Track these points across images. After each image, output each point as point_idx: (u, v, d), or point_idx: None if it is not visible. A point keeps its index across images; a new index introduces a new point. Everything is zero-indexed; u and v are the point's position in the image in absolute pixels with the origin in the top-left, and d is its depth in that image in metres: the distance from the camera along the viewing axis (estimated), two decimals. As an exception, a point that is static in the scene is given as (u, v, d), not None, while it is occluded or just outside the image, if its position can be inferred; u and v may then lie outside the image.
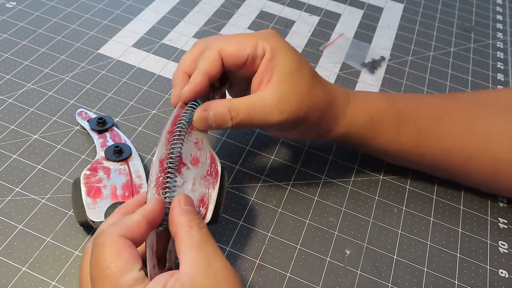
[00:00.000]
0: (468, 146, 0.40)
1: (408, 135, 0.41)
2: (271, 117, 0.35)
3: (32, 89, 0.48)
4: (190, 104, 0.35)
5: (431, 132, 0.41)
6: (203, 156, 0.34)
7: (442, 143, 0.41)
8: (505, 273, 0.40)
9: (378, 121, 0.40)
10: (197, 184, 0.33)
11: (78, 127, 0.45)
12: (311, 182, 0.44)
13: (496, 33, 0.68)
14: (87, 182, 0.38)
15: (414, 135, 0.41)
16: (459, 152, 0.41)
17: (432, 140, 0.41)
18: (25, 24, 0.56)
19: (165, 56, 0.55)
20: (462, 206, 0.44)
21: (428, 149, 0.41)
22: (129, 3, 0.62)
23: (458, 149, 0.40)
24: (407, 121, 0.41)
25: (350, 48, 0.61)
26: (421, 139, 0.41)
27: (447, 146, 0.41)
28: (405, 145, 0.41)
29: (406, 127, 0.41)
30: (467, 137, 0.41)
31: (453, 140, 0.41)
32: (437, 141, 0.41)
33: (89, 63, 0.52)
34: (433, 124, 0.41)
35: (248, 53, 0.36)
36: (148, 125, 0.47)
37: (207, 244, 0.28)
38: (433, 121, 0.41)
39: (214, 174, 0.34)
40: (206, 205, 0.32)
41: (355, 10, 0.68)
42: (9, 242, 0.37)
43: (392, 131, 0.40)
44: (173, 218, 0.29)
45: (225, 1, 0.65)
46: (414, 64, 0.60)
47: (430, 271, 0.39)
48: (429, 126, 0.41)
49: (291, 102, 0.36)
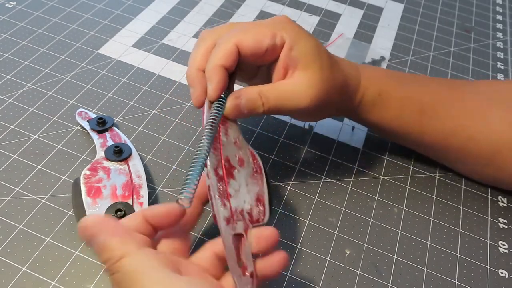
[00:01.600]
0: (468, 128, 0.41)
1: (411, 114, 0.42)
2: (301, 103, 0.36)
3: (32, 89, 0.48)
4: (217, 102, 0.34)
5: (433, 112, 0.42)
6: (245, 154, 0.34)
7: (443, 124, 0.42)
8: (505, 273, 0.40)
9: (385, 98, 0.41)
10: (249, 184, 0.33)
11: (78, 127, 0.45)
12: (311, 182, 0.44)
13: (496, 33, 0.68)
14: (87, 182, 0.38)
15: (416, 115, 0.42)
16: (459, 132, 0.42)
17: (433, 120, 0.42)
18: (25, 24, 0.56)
19: (165, 56, 0.55)
20: (462, 206, 0.44)
21: (429, 129, 0.42)
22: (129, 3, 0.62)
23: (459, 129, 0.42)
24: (411, 100, 0.42)
25: (350, 48, 0.61)
26: (423, 118, 0.42)
27: (448, 126, 0.42)
28: (408, 124, 0.42)
29: (409, 106, 0.42)
30: (468, 119, 0.42)
31: (454, 121, 0.42)
32: (438, 121, 0.42)
33: (89, 63, 0.52)
34: (435, 105, 0.42)
35: (268, 44, 0.36)
36: (148, 125, 0.47)
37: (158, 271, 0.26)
38: (435, 103, 0.42)
39: (258, 170, 0.34)
40: (263, 203, 0.32)
41: (355, 10, 0.68)
42: (9, 242, 0.37)
43: (397, 109, 0.42)
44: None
45: (225, 1, 0.65)
46: (414, 64, 0.60)
47: (430, 271, 0.39)
48: (432, 107, 0.42)
49: (318, 87, 0.36)
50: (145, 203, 0.37)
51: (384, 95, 0.41)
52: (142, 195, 0.38)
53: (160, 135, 0.46)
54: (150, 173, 0.42)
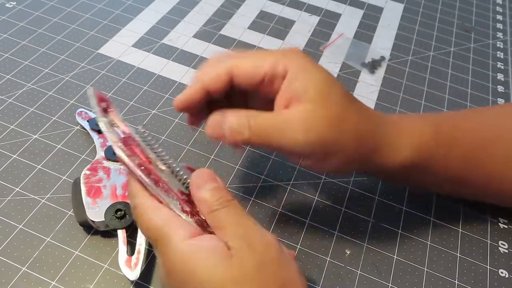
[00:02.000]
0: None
1: (455, 163, 0.37)
2: (294, 136, 0.31)
3: (32, 89, 0.48)
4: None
5: (477, 157, 0.37)
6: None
7: (487, 168, 0.37)
8: (505, 273, 0.40)
9: (424, 151, 0.35)
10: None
11: (78, 127, 0.45)
12: (311, 182, 0.44)
13: (496, 33, 0.68)
14: (87, 182, 0.38)
15: (461, 162, 0.37)
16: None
17: (477, 166, 0.37)
18: (25, 24, 0.56)
19: (165, 56, 0.55)
20: (462, 206, 0.44)
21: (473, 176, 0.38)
22: (129, 3, 0.62)
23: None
24: (452, 148, 0.36)
25: (350, 48, 0.61)
26: (468, 165, 0.37)
27: (491, 171, 0.38)
28: (453, 173, 0.37)
29: (452, 155, 0.37)
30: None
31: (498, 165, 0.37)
32: (482, 166, 0.37)
33: (89, 63, 0.52)
34: (478, 148, 0.37)
35: (266, 71, 0.32)
36: (148, 125, 0.47)
37: (238, 223, 0.29)
38: (478, 145, 0.37)
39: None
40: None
41: (355, 10, 0.68)
42: (9, 242, 0.37)
43: (441, 161, 0.36)
44: (197, 206, 0.30)
45: (225, 1, 0.65)
46: (414, 64, 0.60)
47: (430, 271, 0.39)
48: (475, 151, 0.37)
49: (319, 123, 0.31)
50: (145, 203, 0.37)
51: (424, 149, 0.35)
52: (142, 195, 0.38)
53: (160, 135, 0.46)
54: (150, 173, 0.42)
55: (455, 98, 0.55)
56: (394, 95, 0.55)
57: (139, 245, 0.35)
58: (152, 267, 0.36)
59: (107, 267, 0.36)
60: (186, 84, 0.52)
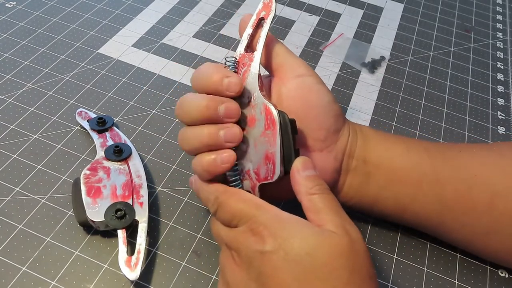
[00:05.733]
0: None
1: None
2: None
3: (32, 89, 0.48)
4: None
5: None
6: (258, 111, 0.32)
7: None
8: (505, 273, 0.40)
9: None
10: (259, 144, 0.32)
11: (78, 127, 0.45)
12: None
13: (496, 33, 0.68)
14: (87, 182, 0.38)
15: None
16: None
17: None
18: (25, 24, 0.56)
19: (165, 56, 0.55)
20: (462, 206, 0.44)
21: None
22: (129, 3, 0.62)
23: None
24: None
25: (350, 48, 0.61)
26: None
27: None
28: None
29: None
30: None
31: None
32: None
33: (89, 63, 0.52)
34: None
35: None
36: (148, 125, 0.47)
37: (334, 211, 0.29)
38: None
39: (272, 125, 0.32)
40: (272, 161, 0.32)
41: (355, 10, 0.68)
42: (9, 242, 0.37)
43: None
44: (294, 190, 0.30)
45: (225, 1, 0.65)
46: (414, 64, 0.60)
47: (430, 271, 0.39)
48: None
49: None
50: (145, 203, 0.37)
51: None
52: (142, 195, 0.38)
53: (160, 135, 0.46)
54: (150, 173, 0.42)
55: (455, 98, 0.55)
56: (394, 95, 0.55)
57: (139, 245, 0.35)
58: (152, 267, 0.36)
59: (107, 267, 0.36)
60: (186, 84, 0.52)
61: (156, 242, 0.38)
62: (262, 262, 0.27)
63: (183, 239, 0.38)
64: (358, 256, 0.28)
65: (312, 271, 0.26)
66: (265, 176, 0.32)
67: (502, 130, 0.52)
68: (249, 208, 0.29)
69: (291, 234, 0.27)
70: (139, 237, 0.35)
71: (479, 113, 0.54)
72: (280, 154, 0.31)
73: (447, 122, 0.52)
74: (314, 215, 0.29)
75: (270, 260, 0.27)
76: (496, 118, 0.54)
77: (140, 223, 0.36)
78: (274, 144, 0.31)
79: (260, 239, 0.28)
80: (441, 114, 0.53)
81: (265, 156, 0.32)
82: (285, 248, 0.27)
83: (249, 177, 0.33)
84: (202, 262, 0.37)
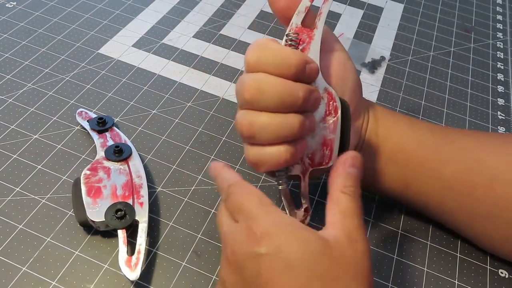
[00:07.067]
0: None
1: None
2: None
3: (32, 89, 0.48)
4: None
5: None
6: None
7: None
8: (505, 273, 0.40)
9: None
10: (316, 129, 0.31)
11: (78, 127, 0.45)
12: (311, 182, 0.44)
13: (496, 33, 0.68)
14: (87, 182, 0.38)
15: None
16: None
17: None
18: (25, 24, 0.56)
19: (165, 56, 0.55)
20: (462, 206, 0.44)
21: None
22: (129, 3, 0.62)
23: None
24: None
25: (350, 48, 0.61)
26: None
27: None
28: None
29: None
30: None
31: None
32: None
33: (89, 63, 0.52)
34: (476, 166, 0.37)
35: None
36: (148, 125, 0.47)
37: (353, 217, 0.29)
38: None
39: (333, 112, 0.31)
40: (330, 148, 0.31)
41: (355, 10, 0.68)
42: (9, 242, 0.37)
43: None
44: (331, 176, 0.30)
45: (225, 1, 0.65)
46: (414, 64, 0.60)
47: (430, 271, 0.39)
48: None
49: None
50: (145, 203, 0.37)
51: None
52: (142, 195, 0.38)
53: (160, 135, 0.46)
54: (150, 173, 0.42)
55: (455, 98, 0.55)
56: (394, 95, 0.55)
57: (139, 245, 0.35)
58: (152, 267, 0.36)
59: (107, 267, 0.36)
60: (186, 84, 0.52)
61: (156, 242, 0.38)
62: (259, 265, 0.27)
63: (183, 239, 0.38)
64: (357, 265, 0.28)
65: (312, 278, 0.26)
66: (320, 161, 0.31)
67: (502, 130, 0.52)
68: (251, 206, 0.29)
69: (291, 239, 0.27)
70: (139, 237, 0.35)
71: (479, 113, 0.54)
72: (339, 141, 0.31)
73: (447, 122, 0.52)
74: (333, 211, 0.29)
75: (268, 263, 0.27)
76: (496, 118, 0.54)
77: (140, 223, 0.36)
78: (334, 130, 0.31)
79: (255, 240, 0.27)
80: (441, 114, 0.53)
81: (323, 141, 0.31)
82: (284, 252, 0.27)
83: (301, 162, 0.32)
84: (202, 262, 0.37)
